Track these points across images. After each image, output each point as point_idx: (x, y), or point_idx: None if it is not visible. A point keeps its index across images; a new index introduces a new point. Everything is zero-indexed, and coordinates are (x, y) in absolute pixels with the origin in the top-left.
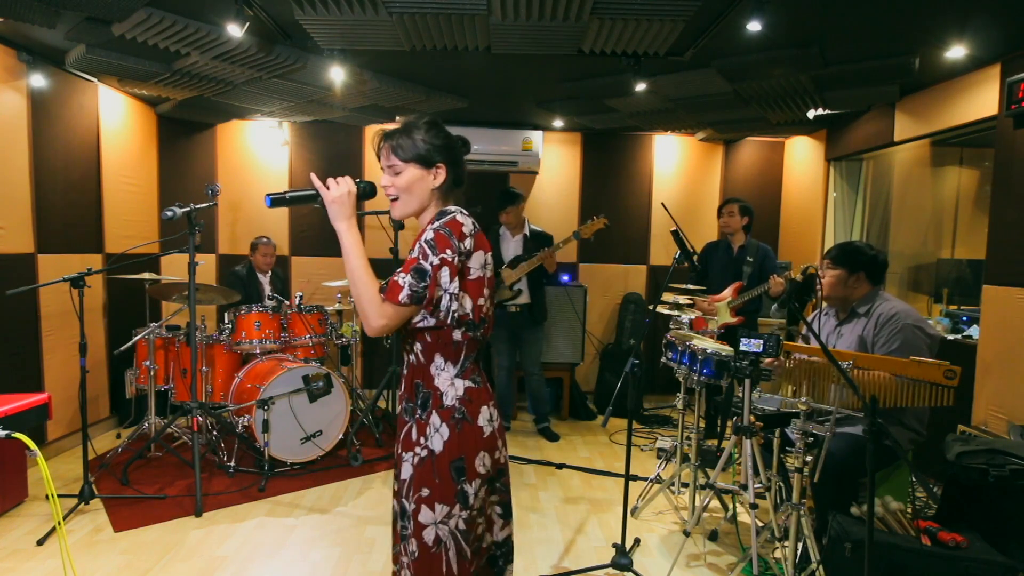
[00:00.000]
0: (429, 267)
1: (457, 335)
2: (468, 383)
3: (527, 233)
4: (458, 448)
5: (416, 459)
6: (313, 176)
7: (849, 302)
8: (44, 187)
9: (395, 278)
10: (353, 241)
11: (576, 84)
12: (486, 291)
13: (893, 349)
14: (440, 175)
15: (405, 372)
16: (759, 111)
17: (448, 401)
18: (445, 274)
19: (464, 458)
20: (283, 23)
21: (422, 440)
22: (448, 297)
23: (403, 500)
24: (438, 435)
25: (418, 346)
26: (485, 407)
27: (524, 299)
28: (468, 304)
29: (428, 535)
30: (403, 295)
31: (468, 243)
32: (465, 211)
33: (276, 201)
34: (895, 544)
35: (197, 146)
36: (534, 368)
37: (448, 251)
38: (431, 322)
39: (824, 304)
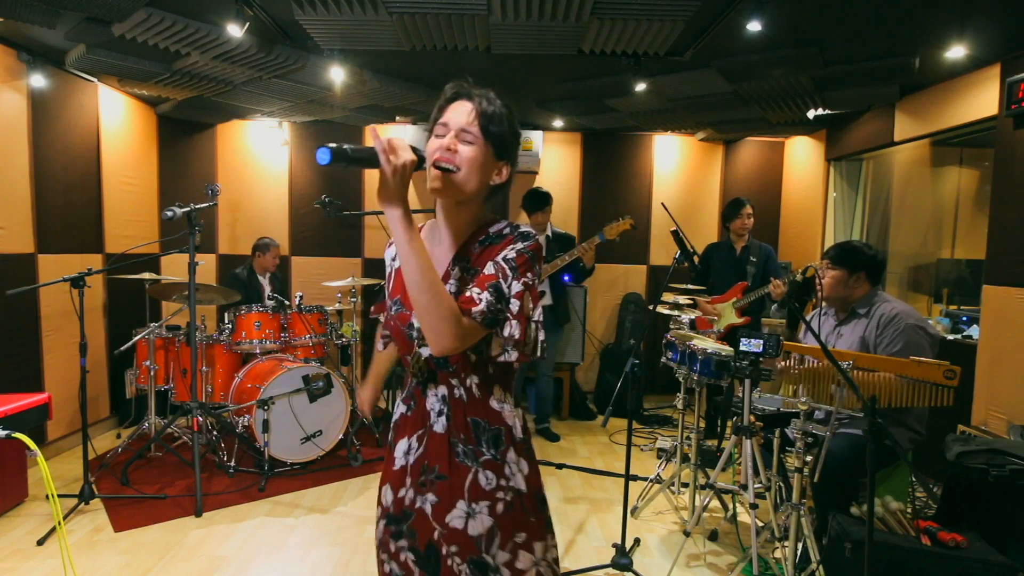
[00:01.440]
0: (507, 289)
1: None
2: (520, 409)
3: (549, 235)
4: (536, 478)
5: (501, 505)
6: (374, 131)
7: (849, 302)
8: (44, 187)
9: (467, 294)
10: (414, 235)
11: (576, 84)
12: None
13: (896, 350)
14: (504, 174)
15: (445, 408)
16: (759, 111)
17: (518, 434)
18: (530, 301)
19: (541, 486)
20: (283, 23)
21: (502, 482)
22: (534, 326)
23: (484, 556)
24: (520, 473)
25: (474, 379)
26: None
27: (547, 300)
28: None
29: None
30: (477, 310)
31: (540, 267)
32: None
33: (337, 155)
34: (895, 544)
35: (197, 146)
36: (547, 370)
37: (530, 275)
38: (513, 355)
39: (823, 304)
